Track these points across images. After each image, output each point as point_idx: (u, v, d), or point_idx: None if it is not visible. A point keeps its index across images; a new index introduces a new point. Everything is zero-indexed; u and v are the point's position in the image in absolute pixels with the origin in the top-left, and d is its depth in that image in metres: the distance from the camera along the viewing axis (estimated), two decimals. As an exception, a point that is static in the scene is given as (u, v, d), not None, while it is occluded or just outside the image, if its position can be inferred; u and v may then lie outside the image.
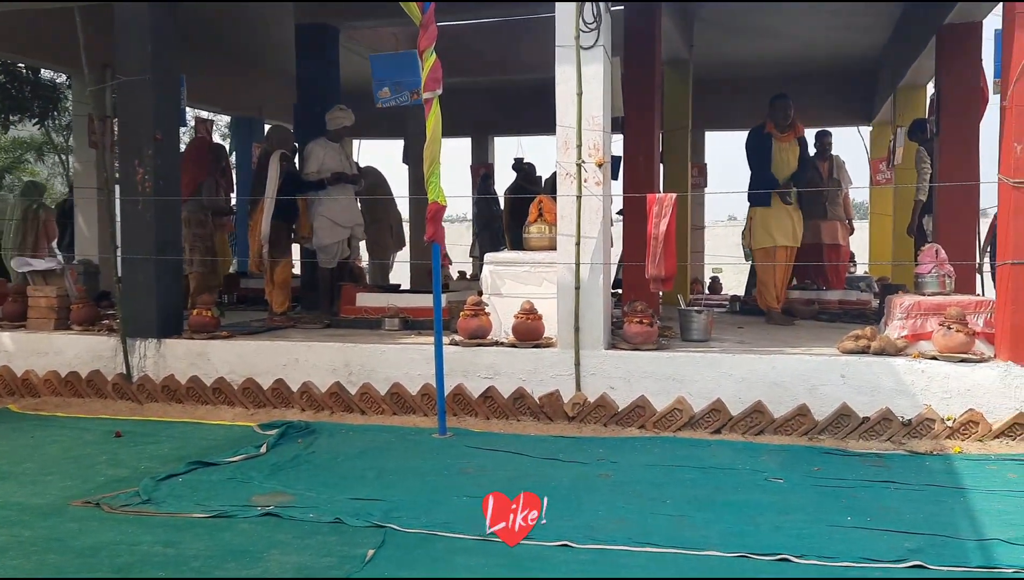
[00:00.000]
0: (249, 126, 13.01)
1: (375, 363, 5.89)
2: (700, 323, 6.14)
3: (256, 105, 12.50)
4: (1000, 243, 5.25)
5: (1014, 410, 4.86)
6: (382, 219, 8.95)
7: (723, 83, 12.10)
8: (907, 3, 9.03)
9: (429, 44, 4.96)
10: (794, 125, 7.54)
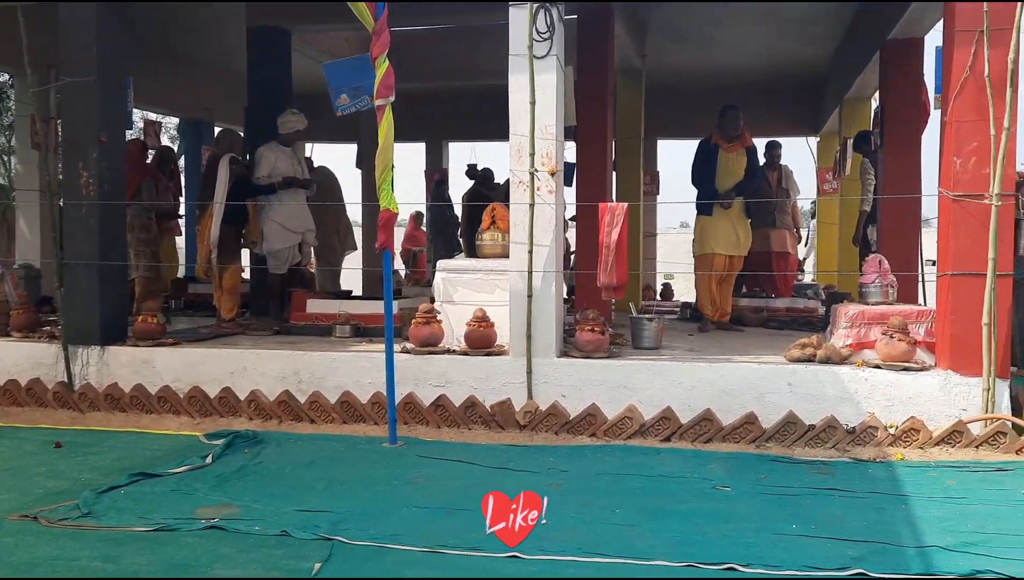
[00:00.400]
0: (199, 129, 12.80)
1: (325, 371, 5.83)
2: (651, 331, 6.19)
3: (206, 108, 12.31)
4: (940, 255, 5.39)
5: (953, 418, 4.98)
6: (329, 222, 8.84)
7: (675, 92, 12.23)
8: (853, 18, 9.23)
9: (382, 51, 4.93)
10: (742, 135, 7.62)
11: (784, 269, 9.66)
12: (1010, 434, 4.84)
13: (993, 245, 5.02)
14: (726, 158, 7.55)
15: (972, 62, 5.07)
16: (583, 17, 7.70)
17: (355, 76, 5.05)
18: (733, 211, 7.58)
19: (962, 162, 5.13)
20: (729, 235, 7.57)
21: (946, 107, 5.28)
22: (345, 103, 5.13)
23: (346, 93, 5.10)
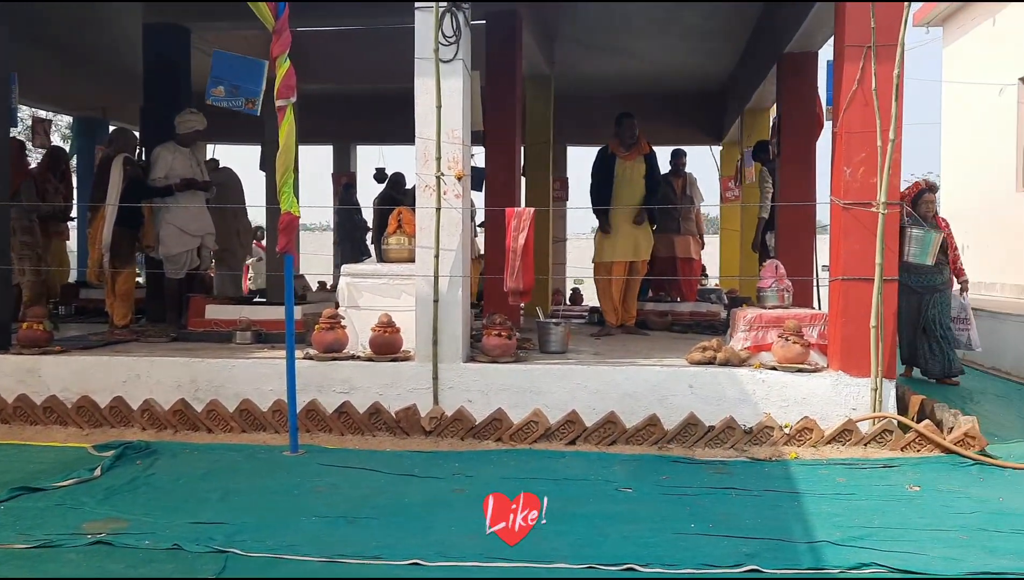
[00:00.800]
0: (93, 128, 12.29)
1: (224, 378, 5.66)
2: (558, 335, 6.23)
3: (100, 106, 11.83)
4: (832, 260, 5.60)
5: (844, 416, 5.17)
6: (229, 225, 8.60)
7: (584, 99, 12.38)
8: (752, 31, 9.53)
9: (283, 50, 4.82)
10: (639, 143, 7.68)
11: (688, 274, 9.89)
12: (896, 432, 5.06)
13: (880, 251, 5.23)
14: (624, 167, 7.59)
15: (860, 76, 5.29)
16: (491, 23, 7.72)
17: (240, 75, 4.94)
18: (634, 218, 7.60)
19: (851, 172, 5.34)
20: (627, 242, 7.61)
21: (837, 119, 5.49)
22: (220, 95, 5.01)
23: (224, 86, 4.98)
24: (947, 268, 7.23)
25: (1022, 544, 3.52)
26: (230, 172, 9.43)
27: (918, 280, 7.10)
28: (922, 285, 7.13)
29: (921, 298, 7.16)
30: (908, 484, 4.40)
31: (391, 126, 10.83)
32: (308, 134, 12.36)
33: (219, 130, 11.17)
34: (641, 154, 7.64)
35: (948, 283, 7.28)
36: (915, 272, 6.95)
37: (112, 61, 10.79)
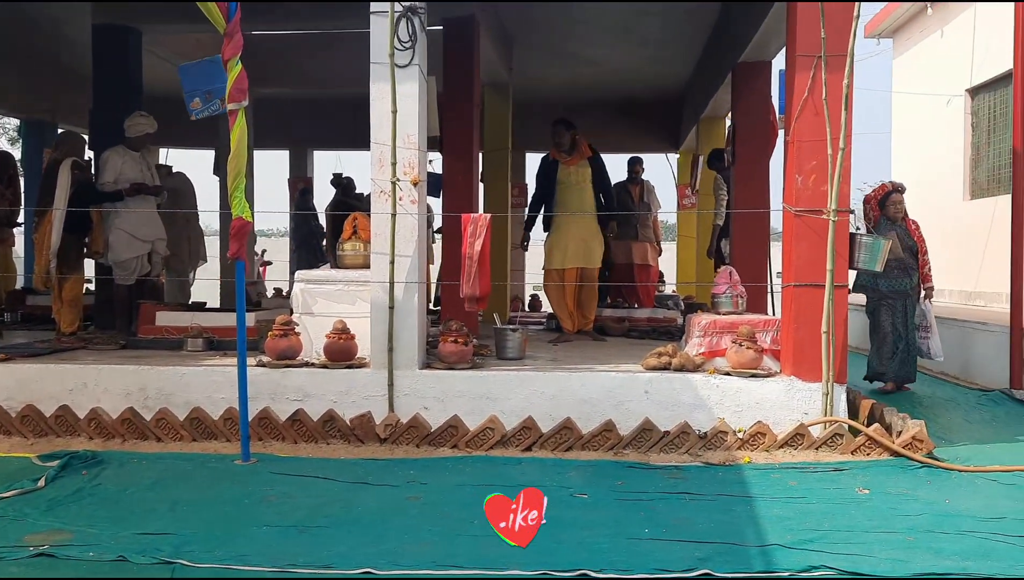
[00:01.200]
0: (41, 131, 12.03)
1: (174, 386, 5.56)
2: (515, 341, 6.22)
3: (49, 108, 11.58)
4: (784, 267, 5.67)
5: (796, 421, 5.24)
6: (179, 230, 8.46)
7: (543, 106, 12.40)
8: (707, 40, 9.64)
9: (235, 53, 4.76)
10: (579, 148, 7.59)
11: (646, 280, 9.97)
12: (846, 435, 5.13)
13: (831, 258, 5.31)
14: (566, 172, 7.55)
15: (811, 85, 5.37)
16: (448, 29, 7.70)
17: (209, 79, 4.85)
18: (583, 224, 7.51)
19: (803, 179, 5.42)
20: (578, 248, 7.54)
21: (789, 127, 5.57)
22: (198, 107, 4.92)
23: (199, 97, 4.89)
24: (916, 273, 7.17)
25: (967, 545, 3.59)
26: (183, 177, 9.29)
27: (888, 285, 7.08)
28: (892, 291, 7.11)
29: (894, 304, 7.13)
30: (858, 487, 4.47)
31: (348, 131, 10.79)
32: (264, 139, 12.30)
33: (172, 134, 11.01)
34: (584, 158, 7.58)
35: (917, 289, 7.23)
36: (884, 276, 6.89)
37: (61, 63, 10.58)
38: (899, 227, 7.17)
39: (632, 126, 13.37)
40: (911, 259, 7.12)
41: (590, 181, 7.56)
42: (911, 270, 7.13)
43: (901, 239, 7.09)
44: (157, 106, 7.91)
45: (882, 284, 7.07)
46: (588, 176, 7.55)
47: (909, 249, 7.13)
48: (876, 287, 7.13)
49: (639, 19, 8.94)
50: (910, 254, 7.13)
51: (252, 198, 11.35)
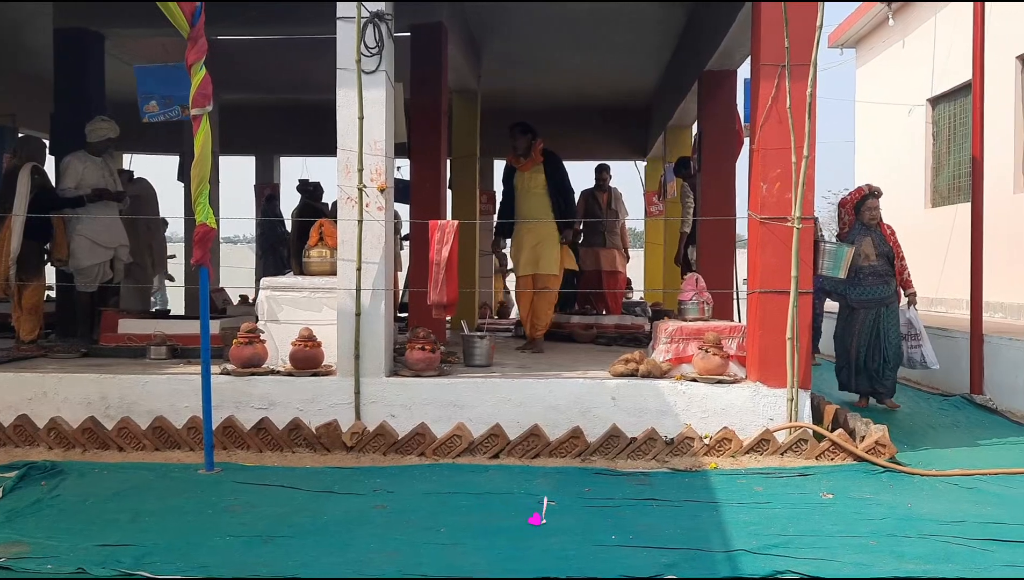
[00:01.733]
0: (2, 135, 11.79)
1: (136, 395, 5.48)
2: (482, 348, 6.21)
3: (9, 113, 11.37)
4: (750, 274, 5.72)
5: (761, 427, 5.28)
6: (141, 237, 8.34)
7: (511, 113, 12.40)
8: (674, 49, 9.73)
9: (198, 58, 4.71)
10: (531, 153, 7.32)
11: (613, 287, 10.01)
12: (811, 441, 5.18)
13: (795, 265, 5.37)
14: (521, 178, 7.33)
15: (776, 94, 5.43)
16: (416, 36, 7.70)
17: (168, 84, 4.80)
18: (534, 231, 7.25)
19: (768, 187, 5.47)
20: (529, 256, 7.27)
21: (754, 136, 5.62)
22: (153, 110, 4.86)
23: (156, 100, 4.83)
24: (894, 280, 6.84)
25: (929, 548, 3.63)
26: (146, 184, 9.17)
27: (861, 293, 6.79)
28: (867, 299, 6.79)
29: (868, 314, 6.79)
30: (822, 492, 4.51)
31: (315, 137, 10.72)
32: (230, 145, 12.19)
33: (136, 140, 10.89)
34: (537, 164, 7.32)
35: (896, 296, 6.87)
36: (858, 285, 6.72)
37: (22, 67, 10.41)
38: (874, 232, 6.87)
39: (600, 133, 13.46)
40: (887, 266, 6.83)
41: (543, 187, 7.28)
42: (887, 277, 6.83)
43: (876, 245, 6.81)
44: (120, 111, 7.81)
45: (851, 294, 6.83)
46: (541, 182, 7.28)
47: (884, 255, 6.83)
48: (849, 295, 6.87)
49: (607, 28, 9.01)
50: (886, 261, 6.82)
51: (217, 204, 11.26)
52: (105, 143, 6.96)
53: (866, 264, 6.76)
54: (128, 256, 7.27)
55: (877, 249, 6.82)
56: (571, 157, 14.53)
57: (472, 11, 8.72)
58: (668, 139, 11.35)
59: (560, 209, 7.28)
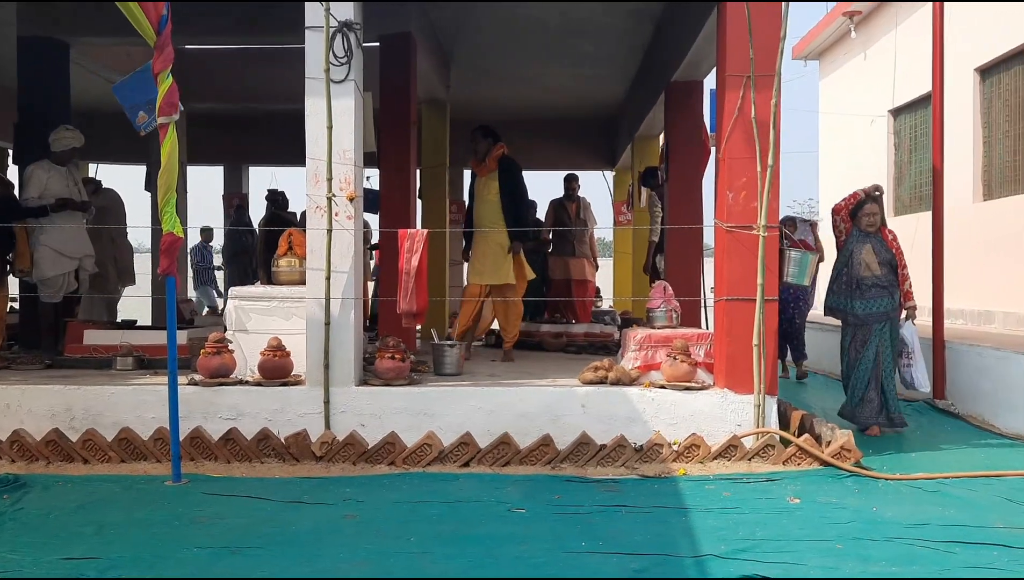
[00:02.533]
0: (-37, 145, 11.62)
1: (102, 406, 5.41)
2: (452, 357, 6.21)
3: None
4: (716, 281, 5.79)
5: (729, 433, 5.33)
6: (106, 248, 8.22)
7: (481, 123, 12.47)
8: (641, 60, 9.82)
9: (165, 66, 4.68)
10: (486, 159, 7.24)
11: (583, 296, 10.05)
12: (777, 446, 5.24)
13: (761, 272, 5.44)
14: (479, 184, 7.27)
15: (741, 104, 5.51)
16: (385, 46, 7.71)
17: (146, 90, 4.77)
18: (488, 240, 7.12)
19: (734, 196, 5.54)
20: (482, 265, 7.15)
21: (720, 145, 5.70)
22: (145, 121, 4.83)
23: (143, 110, 4.80)
24: (898, 291, 6.21)
25: (893, 551, 3.69)
26: (113, 194, 9.05)
27: (865, 307, 6.18)
28: (870, 313, 6.16)
29: (870, 329, 6.18)
30: (789, 497, 4.57)
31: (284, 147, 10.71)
32: (199, 154, 12.10)
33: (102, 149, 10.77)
34: (492, 170, 7.18)
35: (899, 310, 6.26)
36: (860, 297, 6.16)
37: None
38: (874, 239, 6.26)
39: (569, 144, 13.54)
40: (891, 275, 6.17)
41: (497, 194, 7.13)
42: (892, 288, 6.17)
43: (877, 252, 6.20)
44: (85, 120, 7.74)
45: (858, 307, 6.18)
46: (495, 189, 7.14)
47: (887, 263, 6.19)
48: (852, 311, 6.21)
49: (575, 39, 9.08)
50: (889, 269, 6.17)
51: (185, 214, 11.17)
52: (69, 153, 6.89)
53: (867, 274, 6.16)
54: (93, 266, 7.18)
55: (879, 256, 6.19)
56: (540, 167, 14.65)
57: (441, 22, 8.75)
58: (636, 149, 11.44)
59: (511, 218, 7.11)
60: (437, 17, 8.60)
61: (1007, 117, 9.64)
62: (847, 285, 6.27)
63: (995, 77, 9.90)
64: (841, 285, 6.34)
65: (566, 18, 8.42)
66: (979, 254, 9.72)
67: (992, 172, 9.92)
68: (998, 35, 9.55)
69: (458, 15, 8.50)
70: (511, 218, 7.12)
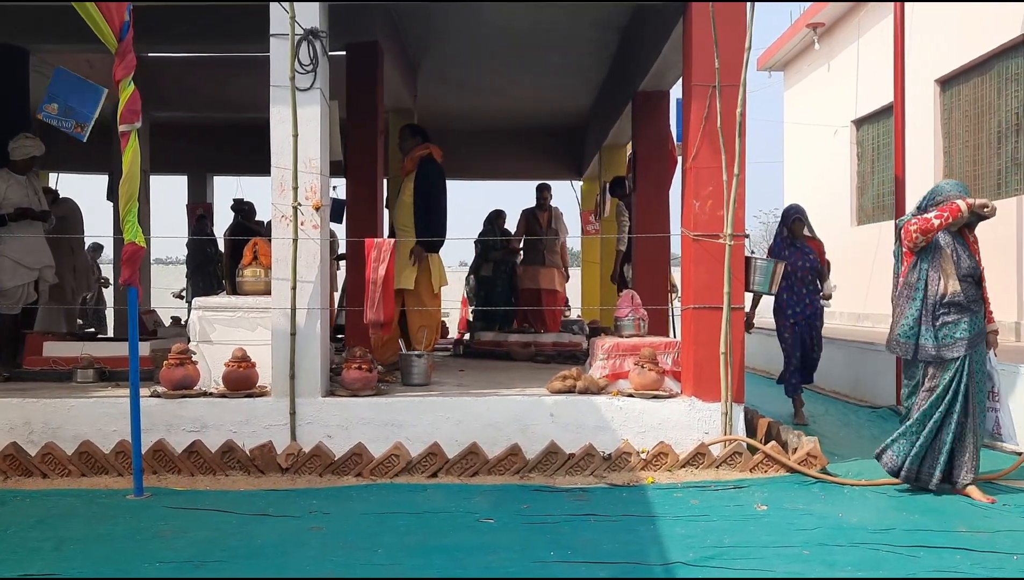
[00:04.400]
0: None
1: (62, 420, 5.31)
2: (420, 367, 6.18)
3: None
4: (684, 290, 5.82)
5: (697, 440, 5.36)
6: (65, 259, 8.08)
7: (448, 133, 12.47)
8: (608, 70, 9.88)
9: (126, 74, 4.61)
10: (405, 159, 7.10)
11: (552, 305, 10.06)
12: (745, 454, 5.27)
13: (727, 281, 5.48)
14: (402, 184, 7.13)
15: (707, 114, 5.56)
16: (351, 54, 7.67)
17: (78, 97, 4.71)
18: (401, 242, 6.79)
19: (700, 205, 5.59)
20: (402, 271, 6.83)
21: (687, 155, 5.74)
22: (52, 112, 4.76)
23: (58, 104, 4.74)
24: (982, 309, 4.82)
25: (859, 557, 3.72)
26: (72, 204, 8.91)
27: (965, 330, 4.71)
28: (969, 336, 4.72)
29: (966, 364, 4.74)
30: (756, 503, 4.59)
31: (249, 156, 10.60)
32: (162, 163, 11.94)
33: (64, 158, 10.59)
34: (411, 171, 7.00)
35: (982, 334, 4.82)
36: (960, 309, 4.72)
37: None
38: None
39: (537, 153, 13.58)
40: (975, 289, 4.82)
41: (412, 196, 6.94)
42: (975, 302, 4.81)
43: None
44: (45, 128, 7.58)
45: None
46: (411, 190, 6.96)
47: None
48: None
49: (542, 49, 9.11)
50: (974, 283, 4.82)
51: (148, 223, 11.01)
52: (29, 161, 6.76)
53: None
54: (53, 277, 7.04)
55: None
56: (508, 177, 14.70)
57: (408, 31, 8.74)
58: (603, 158, 11.50)
59: (419, 223, 6.90)
60: (404, 26, 8.59)
61: (966, 127, 9.83)
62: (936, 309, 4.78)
63: (955, 88, 10.10)
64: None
65: (533, 27, 8.45)
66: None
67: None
68: (957, 47, 9.75)
69: (425, 24, 8.50)
70: (419, 223, 6.90)
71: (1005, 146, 9.06)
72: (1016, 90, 8.83)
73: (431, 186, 6.98)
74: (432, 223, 6.93)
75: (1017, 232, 8.39)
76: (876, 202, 12.35)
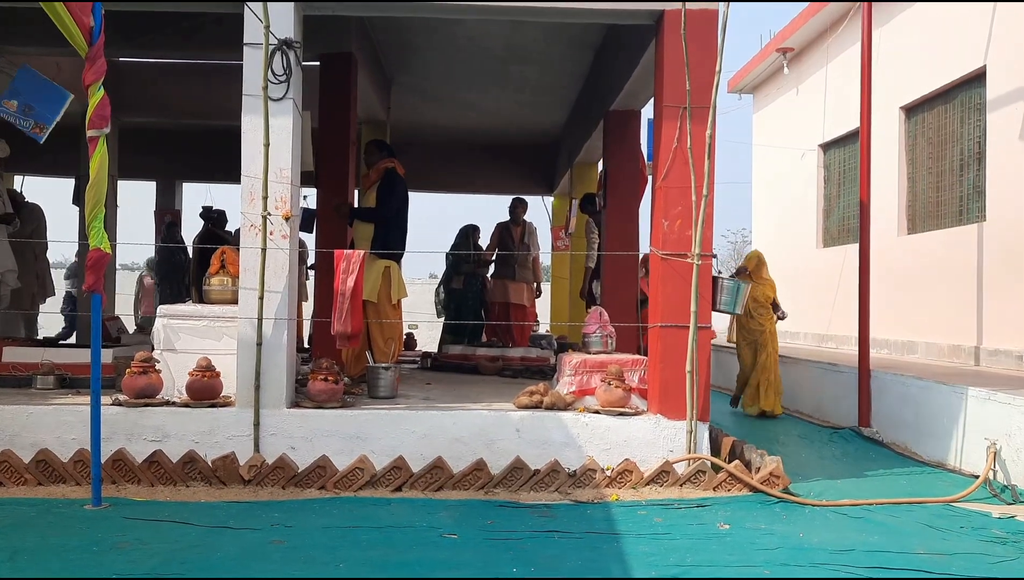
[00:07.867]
0: None
1: (19, 427, 5.21)
2: (387, 380, 6.15)
3: None
4: (651, 308, 5.86)
5: (662, 458, 5.38)
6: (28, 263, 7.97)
7: (421, 146, 12.49)
8: (580, 89, 9.96)
9: (97, 78, 4.56)
10: (369, 171, 7.20)
11: (521, 320, 10.09)
12: (708, 472, 5.31)
13: (695, 300, 5.53)
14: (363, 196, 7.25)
15: (678, 135, 5.62)
16: (325, 65, 7.66)
17: (39, 97, 4.66)
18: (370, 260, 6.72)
19: (669, 224, 5.64)
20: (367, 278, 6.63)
21: (657, 174, 5.79)
22: (11, 108, 4.71)
23: (18, 101, 4.69)
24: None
25: (819, 577, 3.76)
26: (36, 209, 8.78)
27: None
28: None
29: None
30: (719, 522, 4.62)
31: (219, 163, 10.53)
32: (130, 169, 11.80)
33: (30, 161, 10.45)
34: (373, 183, 7.10)
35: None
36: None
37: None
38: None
39: (508, 169, 13.63)
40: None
41: (376, 201, 7.01)
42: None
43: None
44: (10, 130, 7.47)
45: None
46: (373, 201, 7.04)
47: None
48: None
49: (515, 65, 9.16)
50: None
51: (114, 229, 10.87)
52: (-7, 163, 6.66)
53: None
54: (16, 281, 6.93)
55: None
56: (479, 191, 14.71)
57: (383, 43, 8.75)
58: (575, 175, 11.57)
59: (365, 216, 7.02)
60: (379, 39, 8.60)
61: (930, 154, 10.03)
62: None
63: (919, 116, 10.30)
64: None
65: (507, 44, 8.50)
66: (903, 286, 10.05)
67: (916, 207, 10.30)
68: (923, 75, 9.96)
69: (400, 37, 8.52)
70: (383, 233, 6.91)
71: (967, 174, 9.26)
72: (978, 120, 9.03)
73: (389, 194, 6.99)
74: (376, 222, 6.95)
75: (977, 259, 8.56)
76: (842, 225, 12.54)
